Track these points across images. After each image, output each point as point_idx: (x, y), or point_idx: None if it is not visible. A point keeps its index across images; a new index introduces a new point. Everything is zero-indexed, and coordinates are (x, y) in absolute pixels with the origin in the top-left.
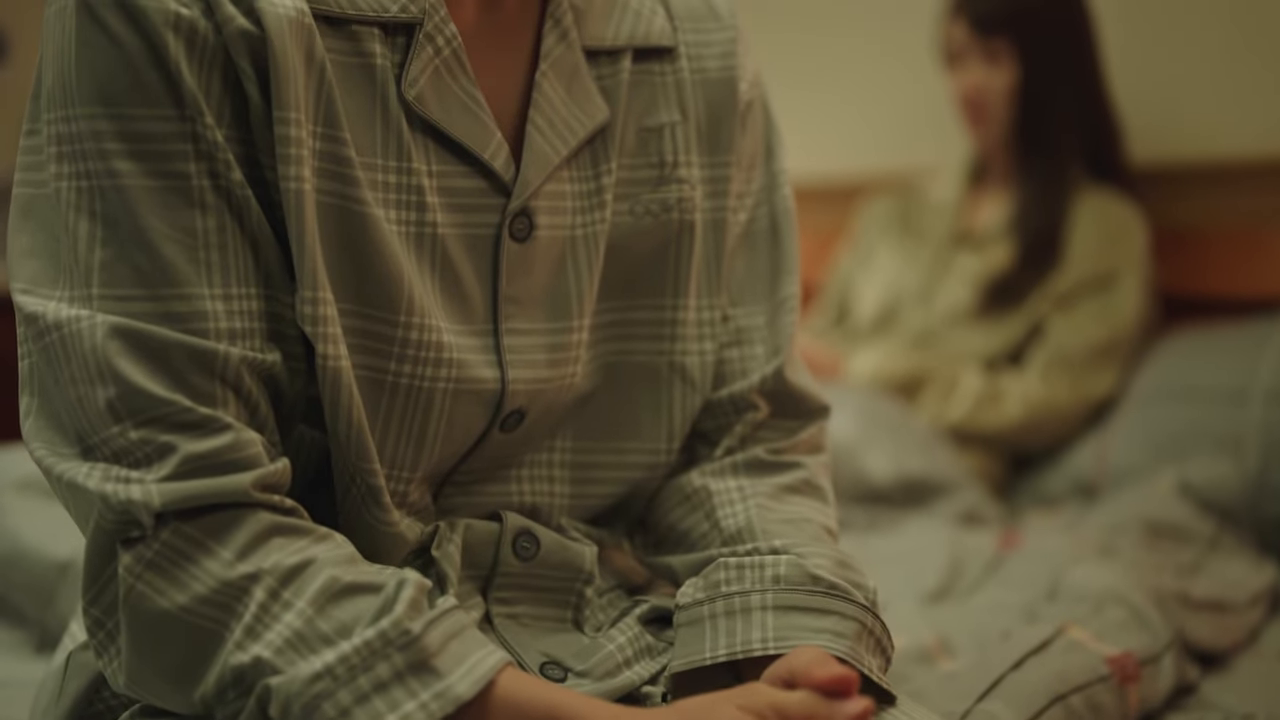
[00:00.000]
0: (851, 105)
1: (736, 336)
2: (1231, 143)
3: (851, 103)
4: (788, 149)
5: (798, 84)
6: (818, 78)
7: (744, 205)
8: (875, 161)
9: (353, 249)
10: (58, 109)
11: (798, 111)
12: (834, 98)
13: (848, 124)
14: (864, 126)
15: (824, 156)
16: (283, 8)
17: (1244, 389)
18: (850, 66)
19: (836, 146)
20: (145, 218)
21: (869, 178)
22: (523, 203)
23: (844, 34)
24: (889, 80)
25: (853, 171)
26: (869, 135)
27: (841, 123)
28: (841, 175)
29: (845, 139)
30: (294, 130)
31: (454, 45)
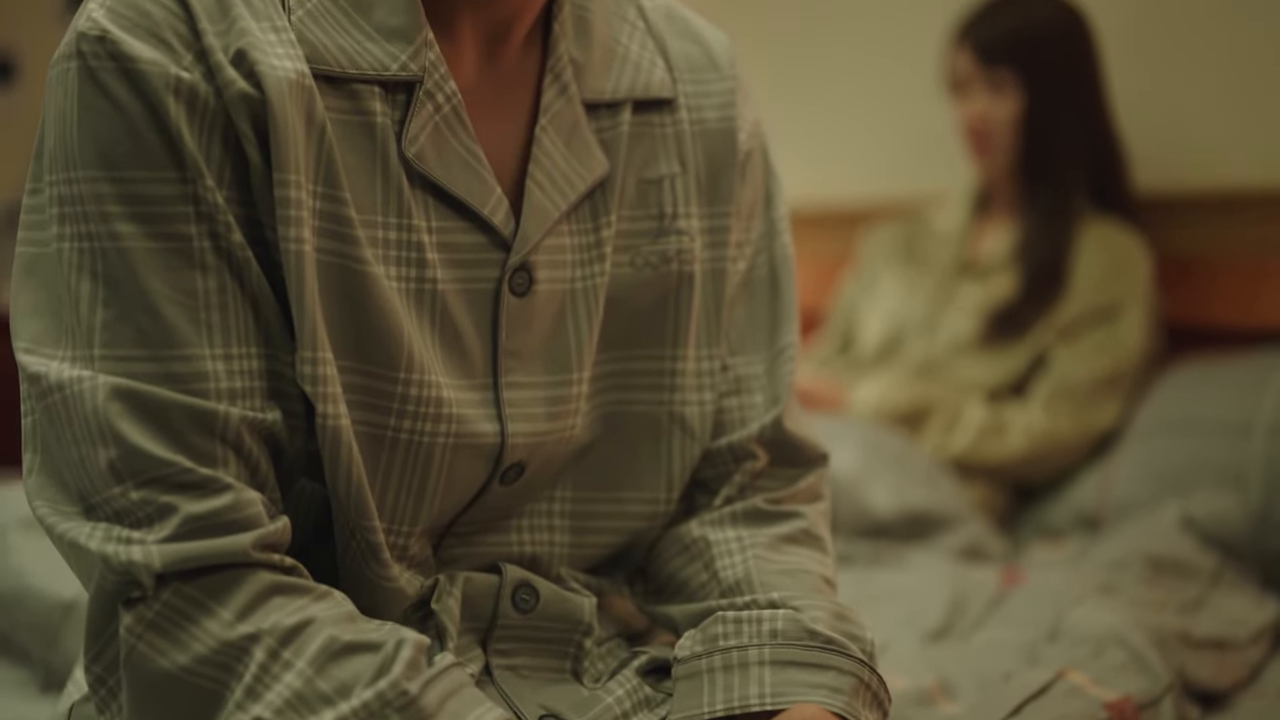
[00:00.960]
0: (859, 131)
1: (736, 386)
2: (1237, 171)
3: (859, 129)
4: (797, 173)
5: (805, 109)
6: (825, 103)
7: (743, 254)
8: (882, 188)
9: (353, 307)
10: (60, 171)
11: (805, 137)
12: (841, 124)
13: (855, 150)
14: (871, 153)
15: (830, 182)
16: (283, 70)
17: (1247, 423)
18: (858, 92)
19: (843, 172)
20: (146, 279)
21: (875, 204)
22: (522, 258)
23: (853, 59)
24: (897, 107)
25: (859, 197)
26: (876, 161)
27: (848, 149)
28: (848, 201)
29: (852, 165)
30: (294, 192)
31: (454, 102)
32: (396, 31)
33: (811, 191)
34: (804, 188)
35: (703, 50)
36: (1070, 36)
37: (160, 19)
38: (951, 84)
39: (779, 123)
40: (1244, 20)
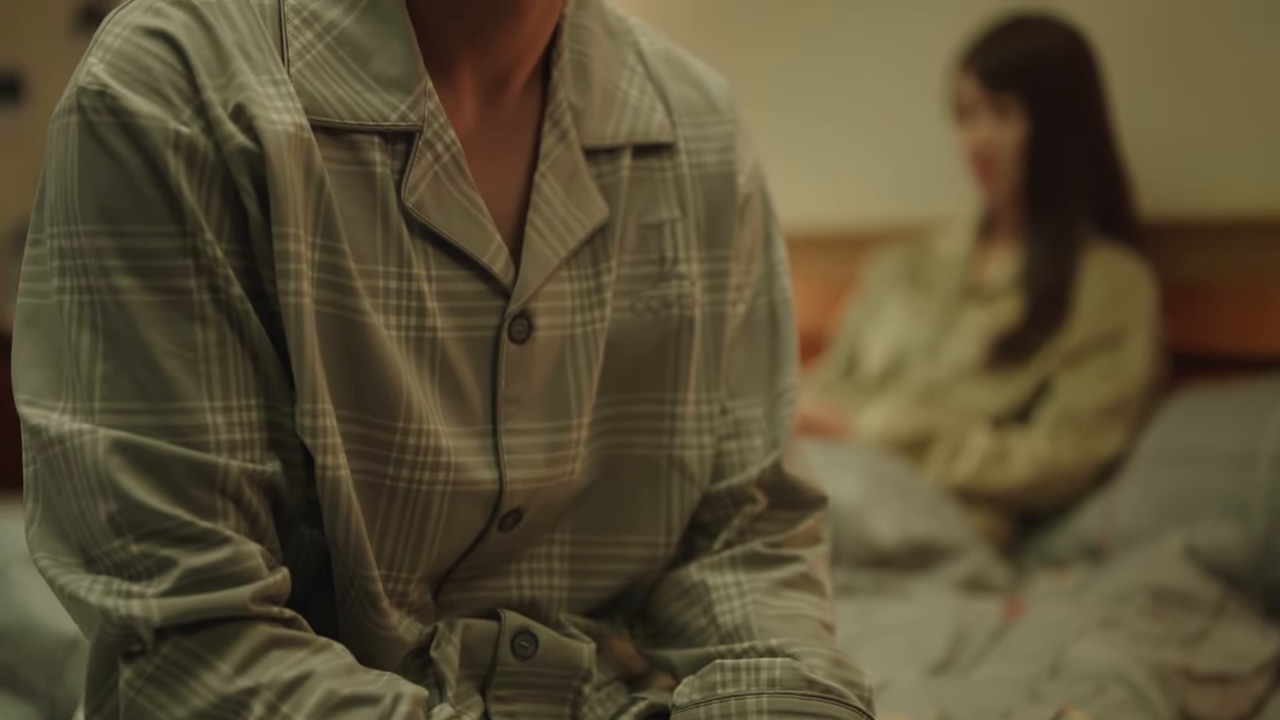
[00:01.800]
0: (867, 154)
1: (735, 429)
2: (1241, 198)
3: (867, 151)
4: (805, 195)
5: (814, 131)
6: (834, 126)
7: (743, 297)
8: (889, 210)
9: (352, 357)
10: (60, 224)
11: (813, 158)
12: (850, 146)
13: (863, 172)
14: (879, 175)
15: (838, 204)
16: (281, 124)
17: (1250, 453)
18: (867, 115)
19: (851, 194)
20: (146, 332)
21: (882, 226)
22: (522, 305)
23: (862, 82)
24: (905, 129)
25: (866, 219)
26: (883, 184)
27: (856, 171)
28: (855, 223)
29: (860, 187)
30: (293, 245)
31: (453, 151)
32: (396, 81)
33: (819, 213)
34: (812, 209)
35: (702, 94)
36: (1075, 63)
37: (160, 74)
38: (956, 109)
39: (788, 144)
40: (1249, 46)
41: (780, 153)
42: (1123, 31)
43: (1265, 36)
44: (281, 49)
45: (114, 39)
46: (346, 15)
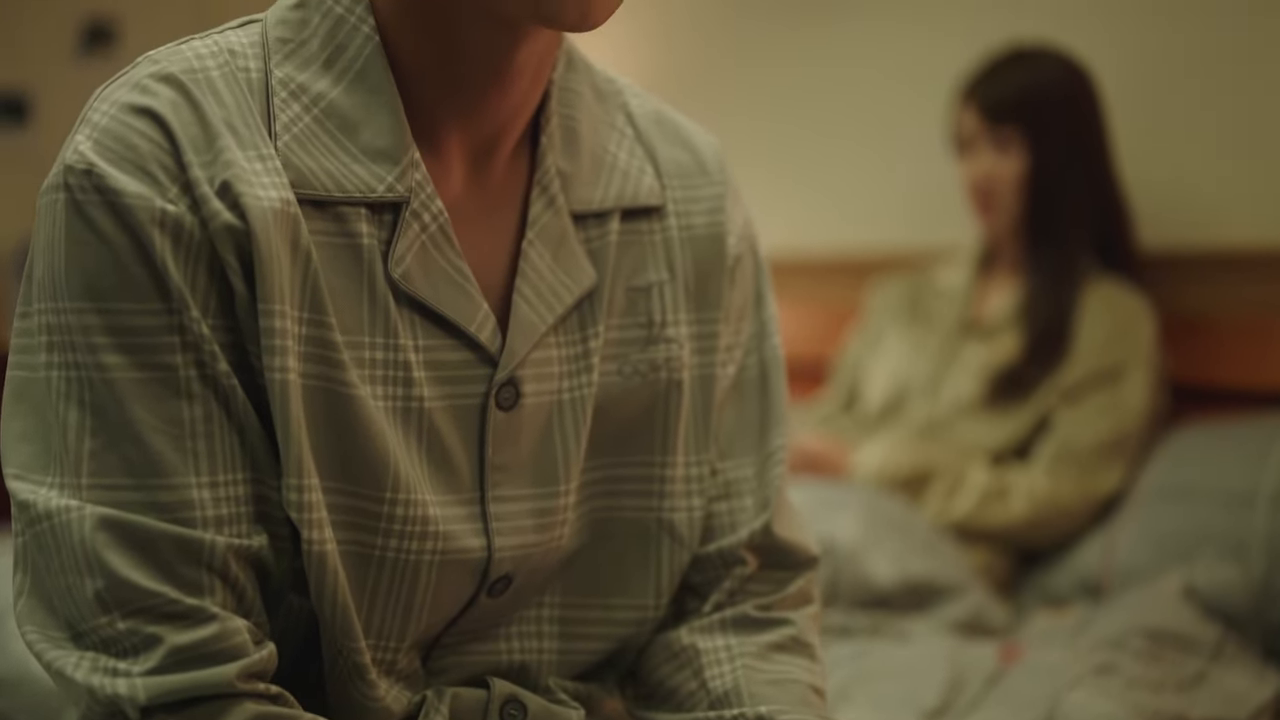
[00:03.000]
0: (872, 180)
1: (725, 490)
2: (1242, 231)
3: (873, 178)
4: (810, 221)
5: (820, 157)
6: (840, 151)
7: (733, 358)
8: (893, 238)
9: (339, 430)
10: (48, 300)
11: (818, 184)
12: (856, 172)
13: (868, 199)
14: (884, 202)
15: (842, 231)
16: (267, 200)
17: (1250, 492)
18: (873, 141)
19: (855, 221)
20: (133, 409)
21: (887, 254)
22: (509, 373)
23: (869, 108)
24: (910, 156)
25: (870, 246)
26: (888, 211)
27: (862, 197)
28: (859, 250)
29: (865, 214)
30: (278, 322)
31: (440, 220)
32: (383, 153)
33: (823, 239)
34: (816, 234)
35: (692, 155)
36: (1075, 96)
37: (146, 152)
38: (957, 142)
39: (793, 168)
40: (1250, 79)
41: (786, 177)
42: (1123, 64)
43: (1266, 69)
44: (269, 123)
45: (101, 116)
46: (334, 86)
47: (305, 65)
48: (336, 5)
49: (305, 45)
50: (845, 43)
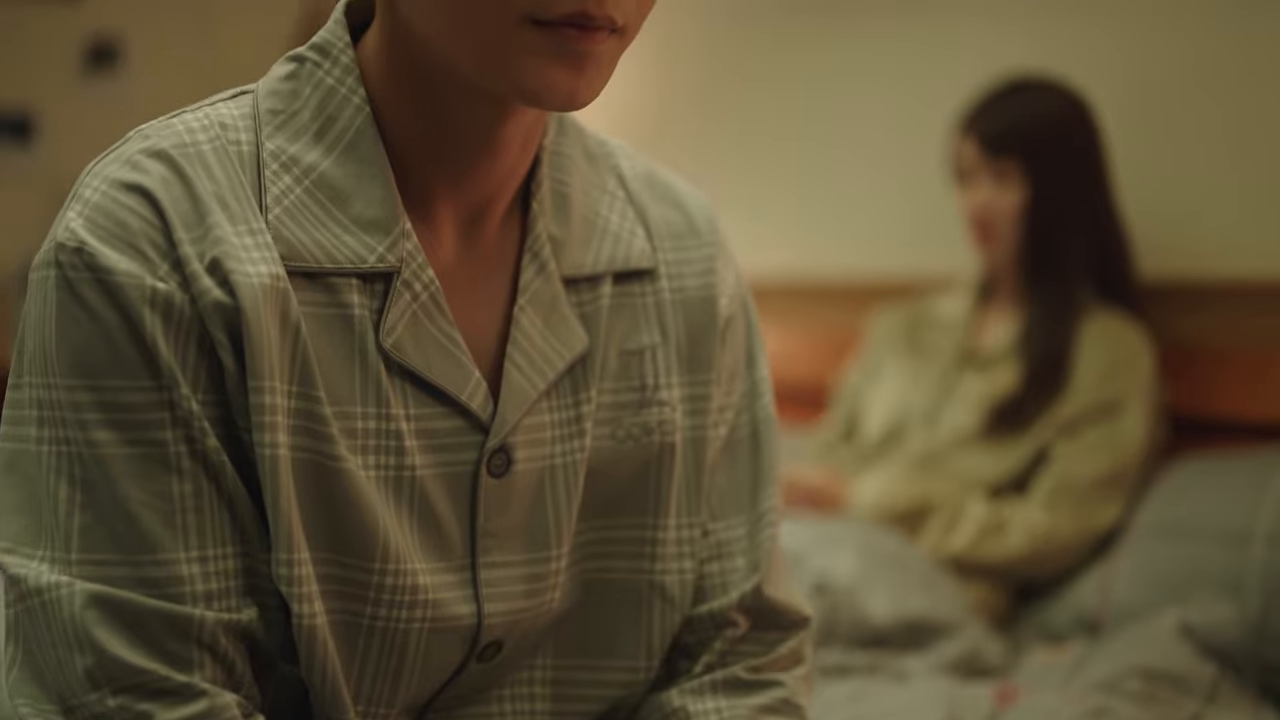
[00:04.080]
0: (877, 206)
1: (717, 550)
2: (1242, 262)
3: (877, 203)
4: (813, 246)
5: (825, 182)
6: (846, 175)
7: (724, 419)
8: (896, 263)
9: (328, 502)
10: (39, 375)
11: (825, 208)
12: (862, 196)
13: (872, 224)
14: (888, 227)
15: (847, 255)
16: (257, 276)
17: (1245, 530)
18: (878, 167)
19: (859, 247)
20: (123, 485)
21: (891, 279)
22: (501, 440)
23: (873, 134)
24: (916, 182)
25: (873, 272)
26: (892, 237)
27: (864, 223)
28: (863, 274)
29: (869, 240)
30: (268, 398)
31: (432, 289)
32: (374, 223)
33: (827, 263)
34: (820, 259)
35: (683, 215)
36: (1074, 128)
37: (137, 229)
38: (956, 173)
39: (801, 192)
40: (1248, 109)
41: (792, 199)
42: (1122, 94)
43: (1265, 99)
44: (260, 196)
45: (92, 193)
46: (325, 157)
47: (296, 136)
48: (327, 77)
49: (296, 116)
50: (855, 65)
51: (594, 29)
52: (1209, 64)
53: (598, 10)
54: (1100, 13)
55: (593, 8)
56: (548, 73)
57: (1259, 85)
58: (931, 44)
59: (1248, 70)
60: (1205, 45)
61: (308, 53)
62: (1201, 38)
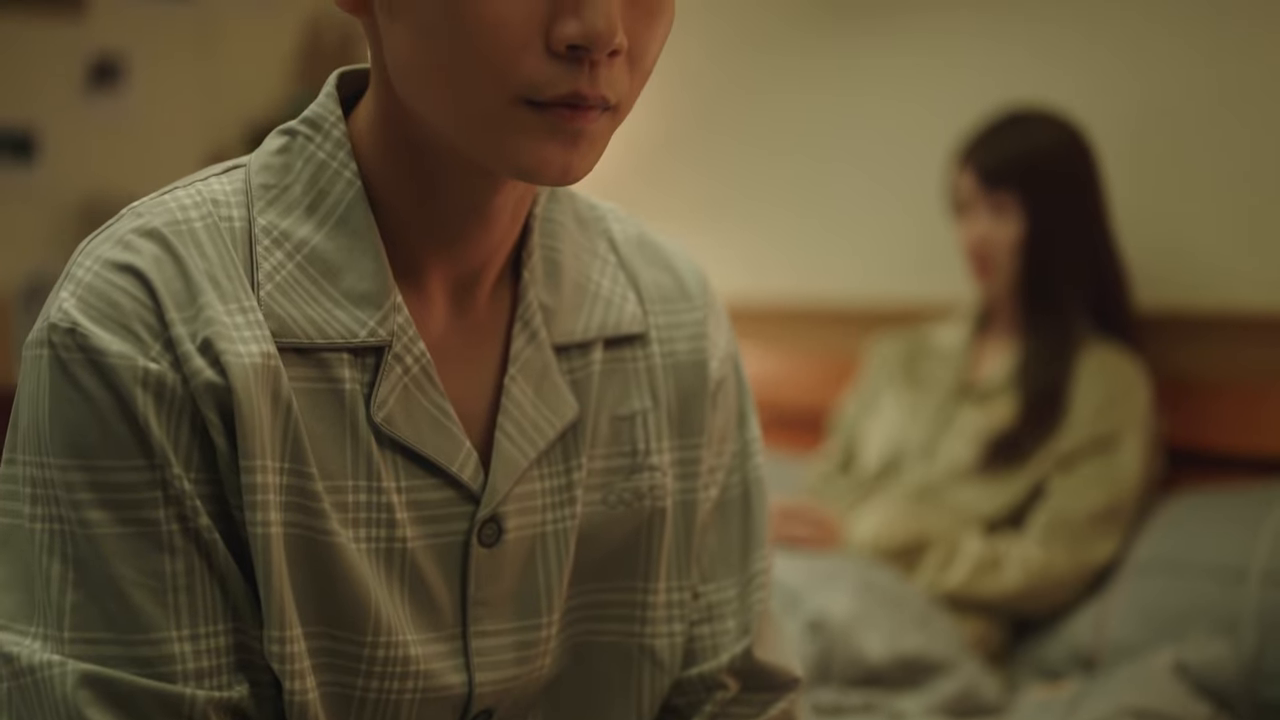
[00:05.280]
0: (880, 230)
1: (708, 613)
2: (1239, 294)
3: (880, 228)
4: (814, 270)
5: (827, 205)
6: (847, 201)
7: (715, 480)
8: (898, 288)
9: (319, 577)
10: (32, 453)
11: (826, 232)
12: (862, 222)
13: (874, 249)
14: (890, 252)
15: (849, 279)
16: (248, 356)
17: (1241, 568)
18: (883, 192)
19: (861, 270)
20: (115, 564)
21: (891, 305)
22: (491, 510)
23: (880, 158)
24: (919, 208)
25: (874, 296)
26: (895, 262)
27: (868, 247)
28: (864, 299)
29: (870, 263)
30: (259, 478)
31: (423, 362)
32: (365, 297)
33: (827, 288)
34: (820, 283)
35: (674, 279)
36: (1072, 160)
37: (129, 310)
38: (954, 204)
39: (801, 217)
40: (1246, 141)
41: (793, 223)
42: (1120, 126)
43: (1263, 131)
44: (251, 272)
45: (85, 273)
46: (317, 231)
47: (288, 211)
48: (319, 151)
49: (288, 191)
50: (862, 88)
51: (587, 108)
52: (1206, 96)
53: (590, 90)
54: (1099, 44)
55: (586, 88)
56: (542, 150)
57: (1257, 117)
58: (936, 70)
59: (1246, 102)
60: (1203, 77)
61: (300, 126)
62: (1199, 70)
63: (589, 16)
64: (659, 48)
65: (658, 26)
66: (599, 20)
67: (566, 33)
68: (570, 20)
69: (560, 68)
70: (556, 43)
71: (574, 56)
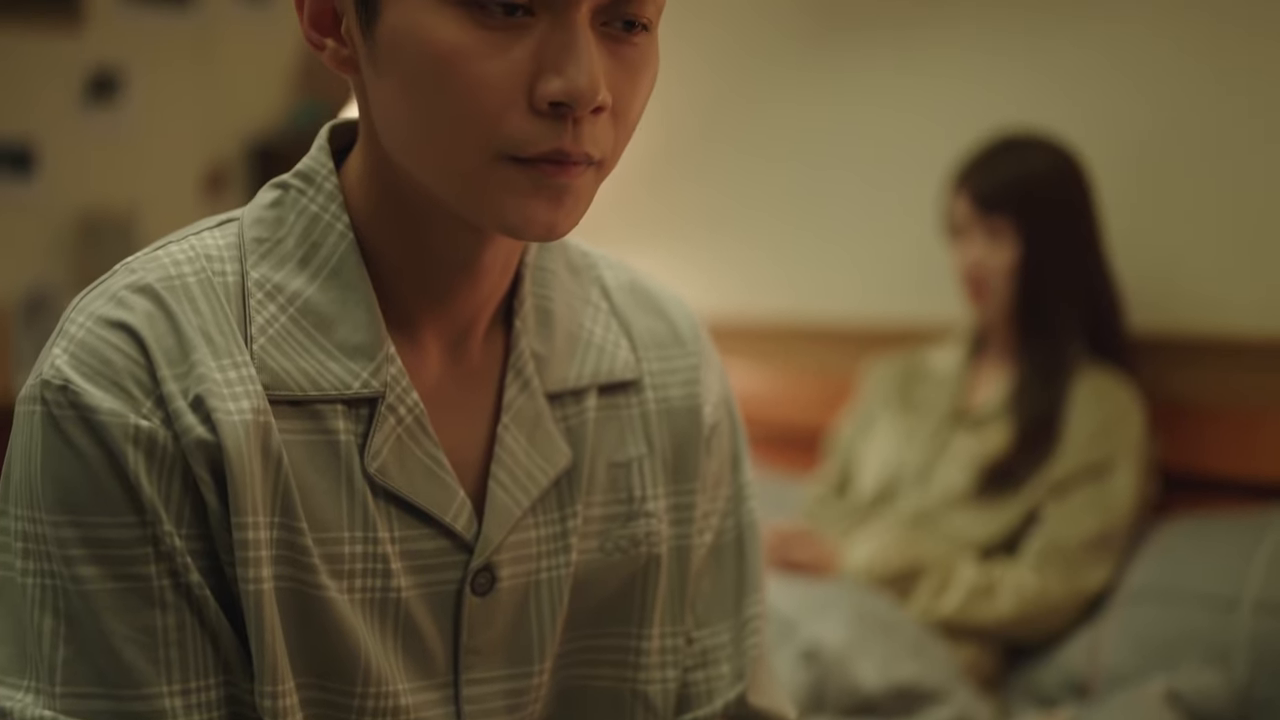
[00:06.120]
0: (878, 250)
1: (702, 658)
2: (1234, 318)
3: (878, 247)
4: (814, 290)
5: (826, 224)
6: (846, 220)
7: (709, 525)
8: (896, 308)
9: (310, 629)
10: (24, 508)
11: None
12: (861, 242)
13: (873, 268)
14: (889, 272)
15: (845, 298)
16: (239, 413)
17: (1234, 596)
18: (882, 211)
19: (858, 289)
20: (106, 620)
21: (889, 325)
22: (485, 559)
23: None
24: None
25: (871, 316)
26: (893, 281)
27: (866, 266)
28: (861, 319)
29: (868, 283)
30: (251, 534)
31: (416, 412)
32: (359, 349)
33: (824, 307)
34: (819, 302)
35: (667, 325)
36: (1067, 186)
37: (121, 367)
38: (950, 229)
39: (799, 236)
40: (1240, 166)
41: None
42: (1115, 151)
43: (1257, 156)
44: (244, 326)
45: (78, 329)
46: (310, 284)
47: (281, 264)
48: (311, 204)
49: (281, 244)
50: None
51: (571, 164)
52: (1202, 120)
53: (574, 148)
54: (1097, 66)
55: (569, 145)
56: (527, 207)
57: (1252, 141)
58: (937, 88)
59: (1241, 127)
60: (1198, 102)
61: (292, 180)
62: (1195, 94)
63: (572, 75)
64: (643, 103)
65: (642, 82)
66: (582, 78)
67: (550, 91)
68: (553, 78)
69: (544, 125)
70: (540, 101)
71: (557, 114)
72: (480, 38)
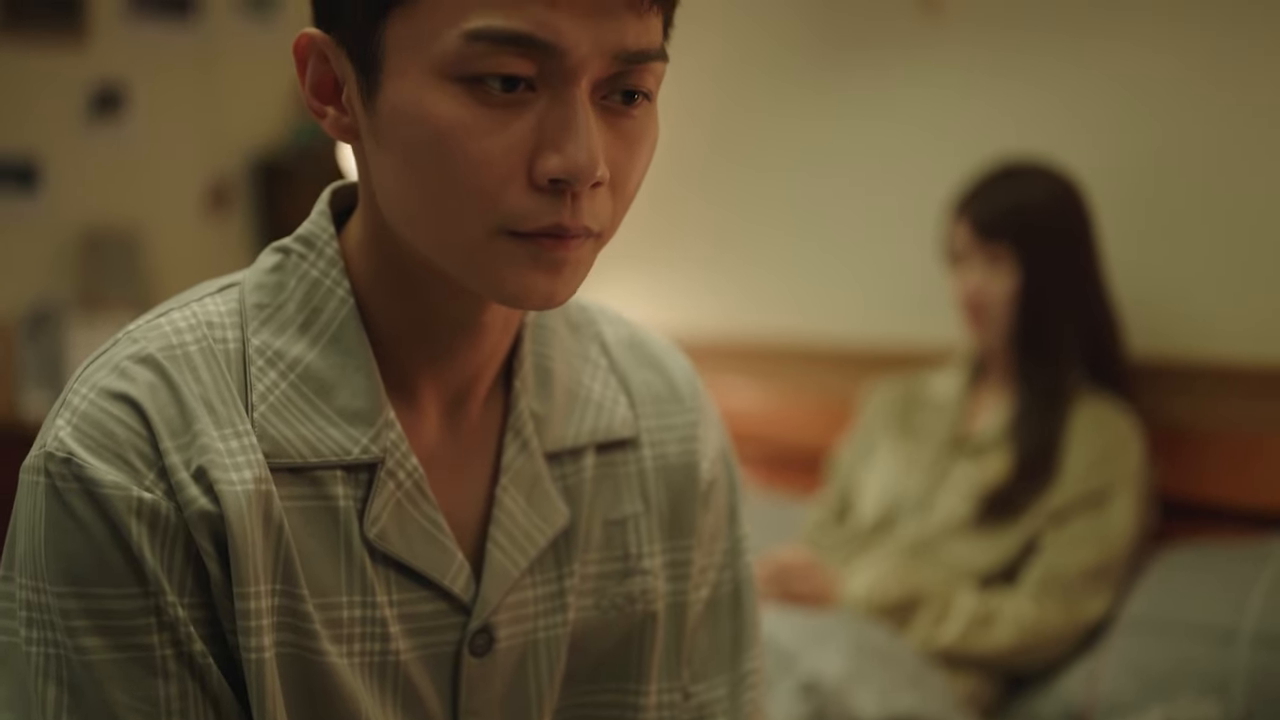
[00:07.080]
0: (881, 272)
1: (699, 713)
2: (1232, 345)
3: (881, 270)
4: (816, 311)
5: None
6: (849, 242)
7: (706, 580)
8: (898, 331)
9: (311, 695)
10: (29, 578)
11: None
12: (864, 264)
13: (875, 291)
14: (891, 295)
15: (847, 320)
16: (241, 484)
17: (1232, 628)
18: (885, 234)
19: (861, 311)
20: (109, 690)
21: (890, 347)
22: (483, 621)
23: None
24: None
25: (874, 339)
26: (896, 304)
27: (869, 289)
28: (863, 341)
29: (871, 305)
30: (253, 604)
31: (415, 477)
32: (358, 415)
33: (827, 328)
34: (820, 323)
35: (665, 381)
36: (1066, 213)
37: (123, 439)
38: (949, 255)
39: (803, 258)
40: (1240, 193)
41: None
42: (1114, 178)
43: (1256, 182)
44: (245, 394)
45: (81, 400)
46: (310, 349)
47: (281, 330)
48: (312, 269)
49: (282, 309)
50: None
51: (570, 237)
52: (1201, 147)
53: (573, 222)
54: (1096, 94)
55: (568, 220)
56: (525, 279)
57: (1248, 168)
58: (941, 112)
59: (1237, 153)
60: (1197, 129)
61: (293, 244)
62: (1194, 122)
63: (571, 152)
64: (642, 173)
65: (640, 153)
66: (581, 155)
67: (549, 168)
68: (552, 155)
69: (542, 200)
70: (539, 177)
71: (556, 190)
72: (480, 114)
